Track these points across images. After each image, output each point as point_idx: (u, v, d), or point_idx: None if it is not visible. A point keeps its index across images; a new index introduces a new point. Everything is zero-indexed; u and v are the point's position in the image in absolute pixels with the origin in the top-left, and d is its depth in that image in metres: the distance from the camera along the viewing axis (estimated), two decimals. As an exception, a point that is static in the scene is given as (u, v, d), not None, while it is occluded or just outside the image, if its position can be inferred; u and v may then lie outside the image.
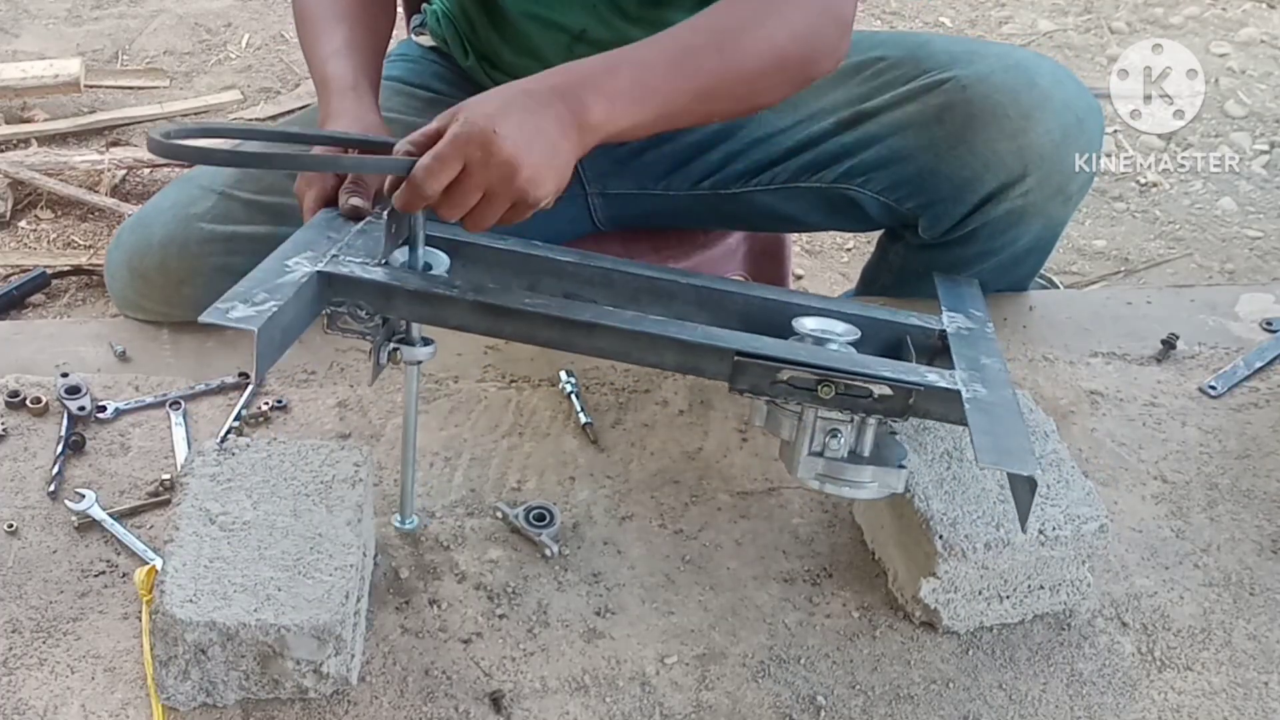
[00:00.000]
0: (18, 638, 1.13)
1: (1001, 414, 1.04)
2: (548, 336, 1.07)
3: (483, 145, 1.05)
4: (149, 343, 1.46)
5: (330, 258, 1.07)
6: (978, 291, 1.33)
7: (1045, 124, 1.38)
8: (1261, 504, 1.33)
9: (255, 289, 0.99)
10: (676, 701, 1.12)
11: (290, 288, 1.01)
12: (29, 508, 1.26)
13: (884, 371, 1.06)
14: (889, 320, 1.20)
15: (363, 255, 1.09)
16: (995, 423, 1.03)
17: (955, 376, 1.08)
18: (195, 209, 1.43)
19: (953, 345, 1.17)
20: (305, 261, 1.06)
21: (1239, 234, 2.45)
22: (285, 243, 1.09)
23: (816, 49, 1.26)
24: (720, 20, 1.22)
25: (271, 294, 0.99)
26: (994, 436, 1.00)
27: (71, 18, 3.00)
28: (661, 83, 1.17)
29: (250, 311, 0.96)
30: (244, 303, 0.97)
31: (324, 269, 1.05)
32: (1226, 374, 1.48)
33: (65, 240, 2.33)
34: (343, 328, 1.08)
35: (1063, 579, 1.18)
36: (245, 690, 1.08)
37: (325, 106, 1.26)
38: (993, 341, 1.19)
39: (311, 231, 1.12)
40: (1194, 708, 1.14)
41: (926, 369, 1.10)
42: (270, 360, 0.98)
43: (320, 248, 1.09)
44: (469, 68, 1.56)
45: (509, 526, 1.26)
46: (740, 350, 1.05)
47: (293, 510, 1.13)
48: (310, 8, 1.37)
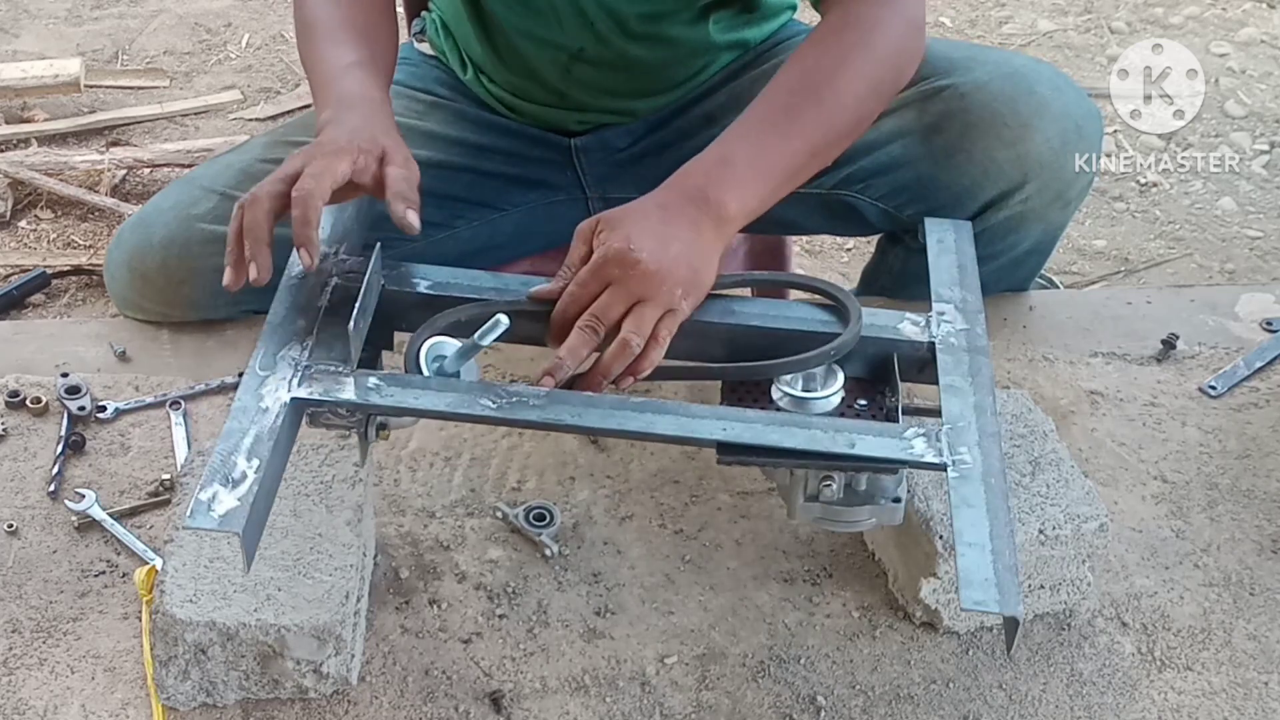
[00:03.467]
0: (18, 638, 1.14)
1: (991, 506, 1.01)
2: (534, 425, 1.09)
3: (622, 264, 1.10)
4: (149, 343, 1.46)
5: (303, 371, 1.06)
6: (969, 247, 1.28)
7: (1044, 131, 1.38)
8: (1261, 504, 1.33)
9: (232, 454, 0.99)
10: (676, 701, 1.12)
11: (267, 440, 1.01)
12: (29, 508, 1.26)
13: (867, 451, 1.05)
14: (876, 338, 1.16)
15: (335, 359, 1.07)
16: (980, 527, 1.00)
17: (942, 441, 1.05)
18: (196, 209, 1.43)
19: (940, 370, 1.13)
20: (279, 386, 1.05)
21: (1239, 234, 2.45)
22: (257, 350, 1.08)
23: (903, 64, 1.30)
24: (811, 70, 1.24)
25: (250, 455, 0.99)
26: (978, 566, 0.97)
27: (71, 18, 2.99)
28: (776, 155, 1.21)
29: (233, 502, 0.96)
30: (223, 484, 0.97)
31: (298, 395, 1.04)
32: (1226, 374, 1.48)
33: (65, 240, 2.33)
34: (325, 424, 1.08)
35: (1063, 578, 1.18)
36: (245, 690, 1.08)
37: (345, 119, 1.19)
38: (983, 349, 1.16)
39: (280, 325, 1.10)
40: (1194, 708, 1.14)
41: (915, 432, 1.06)
42: (259, 534, 1.00)
43: (291, 351, 1.08)
44: (468, 81, 1.56)
45: (509, 526, 1.26)
46: (721, 441, 1.05)
47: (293, 510, 1.13)
48: (321, 19, 1.32)
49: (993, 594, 0.95)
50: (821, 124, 1.23)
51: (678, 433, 1.05)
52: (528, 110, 1.53)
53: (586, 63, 1.45)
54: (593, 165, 1.55)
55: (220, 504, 0.96)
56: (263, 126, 2.64)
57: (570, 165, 1.55)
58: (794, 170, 1.22)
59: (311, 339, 1.09)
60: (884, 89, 1.28)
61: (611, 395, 1.08)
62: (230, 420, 1.02)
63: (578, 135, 1.54)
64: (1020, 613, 0.95)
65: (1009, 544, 0.99)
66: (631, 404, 1.07)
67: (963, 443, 1.05)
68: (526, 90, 1.51)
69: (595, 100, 1.50)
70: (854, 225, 1.54)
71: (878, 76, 1.26)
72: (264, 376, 1.06)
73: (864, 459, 1.04)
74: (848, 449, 1.04)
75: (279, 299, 1.13)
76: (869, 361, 1.16)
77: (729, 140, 1.21)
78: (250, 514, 0.96)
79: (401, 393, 1.06)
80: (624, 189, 1.57)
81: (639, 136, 1.54)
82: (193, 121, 2.67)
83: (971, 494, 1.02)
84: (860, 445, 1.04)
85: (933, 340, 1.15)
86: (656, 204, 1.17)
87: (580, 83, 1.48)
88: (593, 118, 1.52)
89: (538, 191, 1.56)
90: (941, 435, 1.06)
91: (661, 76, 1.50)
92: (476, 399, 1.06)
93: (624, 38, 1.43)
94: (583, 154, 1.54)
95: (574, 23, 1.42)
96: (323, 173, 1.09)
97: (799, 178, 1.23)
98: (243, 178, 1.45)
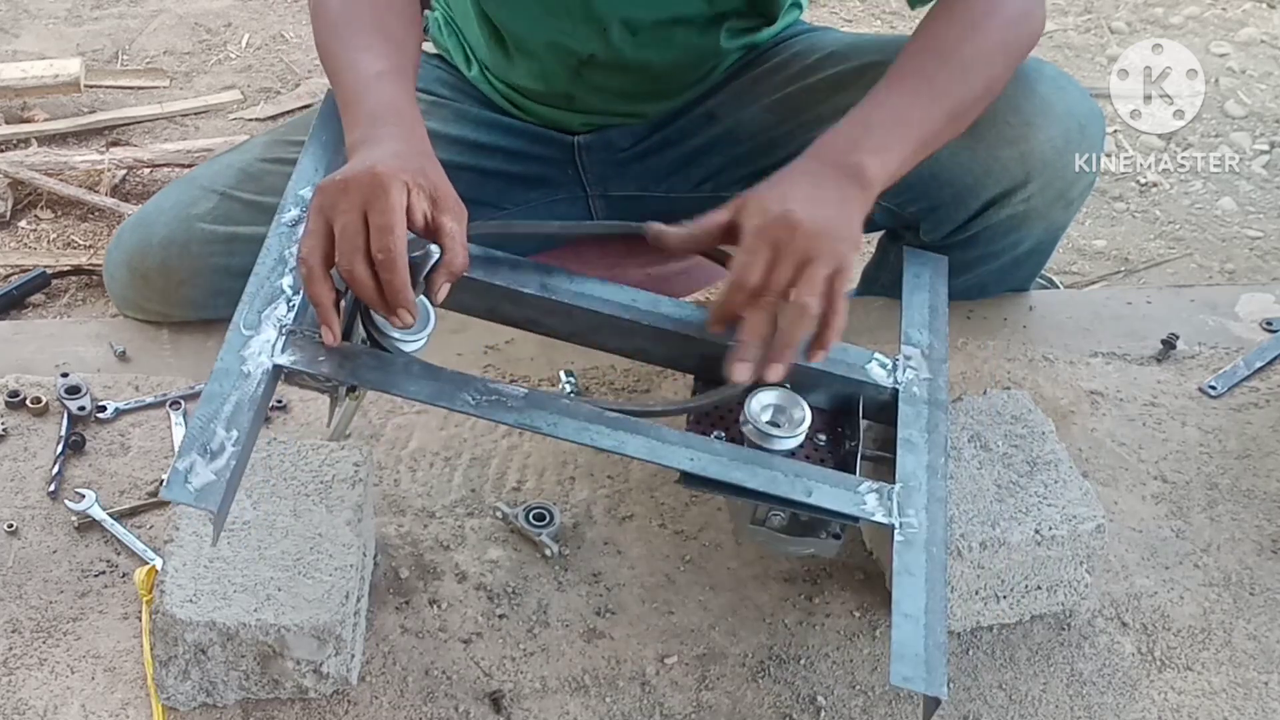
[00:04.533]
0: (18, 638, 1.14)
1: (930, 577, 1.04)
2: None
3: (785, 226, 1.09)
4: (149, 343, 1.46)
5: (287, 336, 1.06)
6: (943, 286, 1.29)
7: (1047, 130, 1.38)
8: (1261, 504, 1.33)
9: (212, 420, 0.99)
10: (676, 701, 1.12)
11: (247, 409, 1.00)
12: (29, 508, 1.26)
13: (822, 501, 1.07)
14: (844, 377, 1.17)
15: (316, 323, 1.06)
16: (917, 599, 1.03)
17: (893, 501, 1.08)
18: (196, 209, 1.43)
19: (900, 421, 1.15)
20: (261, 349, 1.04)
21: (1239, 234, 2.45)
22: (241, 305, 1.07)
23: (1031, 25, 1.32)
24: (943, 36, 1.26)
25: (229, 425, 0.99)
26: (911, 640, 1.00)
27: (71, 18, 2.99)
28: (916, 120, 1.21)
29: (210, 475, 0.96)
30: (201, 454, 0.97)
31: (280, 361, 1.04)
32: (1226, 374, 1.48)
33: (65, 240, 2.33)
34: (299, 384, 1.08)
35: (1060, 580, 1.18)
36: (245, 690, 1.08)
37: (383, 138, 1.12)
38: (942, 404, 1.17)
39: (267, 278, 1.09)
40: (1194, 708, 1.14)
41: (868, 488, 1.09)
42: (230, 503, 1.00)
43: (276, 309, 1.07)
44: (473, 78, 1.56)
45: (509, 526, 1.26)
46: (685, 472, 1.07)
47: (293, 510, 1.13)
48: (345, 18, 1.27)
49: (920, 671, 0.99)
50: (957, 90, 1.24)
51: (647, 456, 1.07)
52: (533, 109, 1.53)
53: (596, 67, 1.45)
54: (594, 164, 1.55)
55: (197, 476, 0.96)
56: (263, 126, 2.64)
57: (572, 163, 1.55)
58: (932, 134, 1.23)
59: (298, 298, 1.08)
60: (1013, 51, 1.30)
61: (588, 408, 1.08)
62: (211, 382, 1.02)
63: (581, 134, 1.54)
64: (944, 694, 0.98)
65: (942, 619, 1.02)
66: (606, 419, 1.07)
67: (911, 505, 1.09)
68: (533, 91, 1.51)
69: (603, 103, 1.50)
70: None
71: (1007, 39, 1.28)
72: (248, 336, 1.05)
73: (818, 509, 1.08)
74: (804, 497, 1.07)
75: (267, 248, 1.12)
76: (834, 397, 1.18)
77: (867, 107, 1.21)
78: (226, 491, 0.96)
79: (384, 375, 1.06)
80: (624, 187, 1.58)
81: (642, 136, 1.54)
82: (193, 121, 2.67)
83: (913, 562, 1.05)
84: (816, 494, 1.08)
85: (896, 387, 1.18)
86: (802, 171, 1.16)
87: (589, 86, 1.48)
88: (599, 119, 1.53)
89: (539, 190, 1.56)
90: (893, 495, 1.09)
91: (671, 82, 1.50)
92: (458, 392, 1.06)
93: (636, 44, 1.43)
94: (585, 152, 1.54)
95: (587, 29, 1.41)
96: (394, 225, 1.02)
97: (937, 142, 1.24)
98: (243, 178, 1.45)
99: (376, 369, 1.06)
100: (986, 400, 1.28)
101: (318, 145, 1.22)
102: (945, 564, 1.06)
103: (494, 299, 1.18)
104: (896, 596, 1.03)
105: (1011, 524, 1.15)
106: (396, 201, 1.02)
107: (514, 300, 1.18)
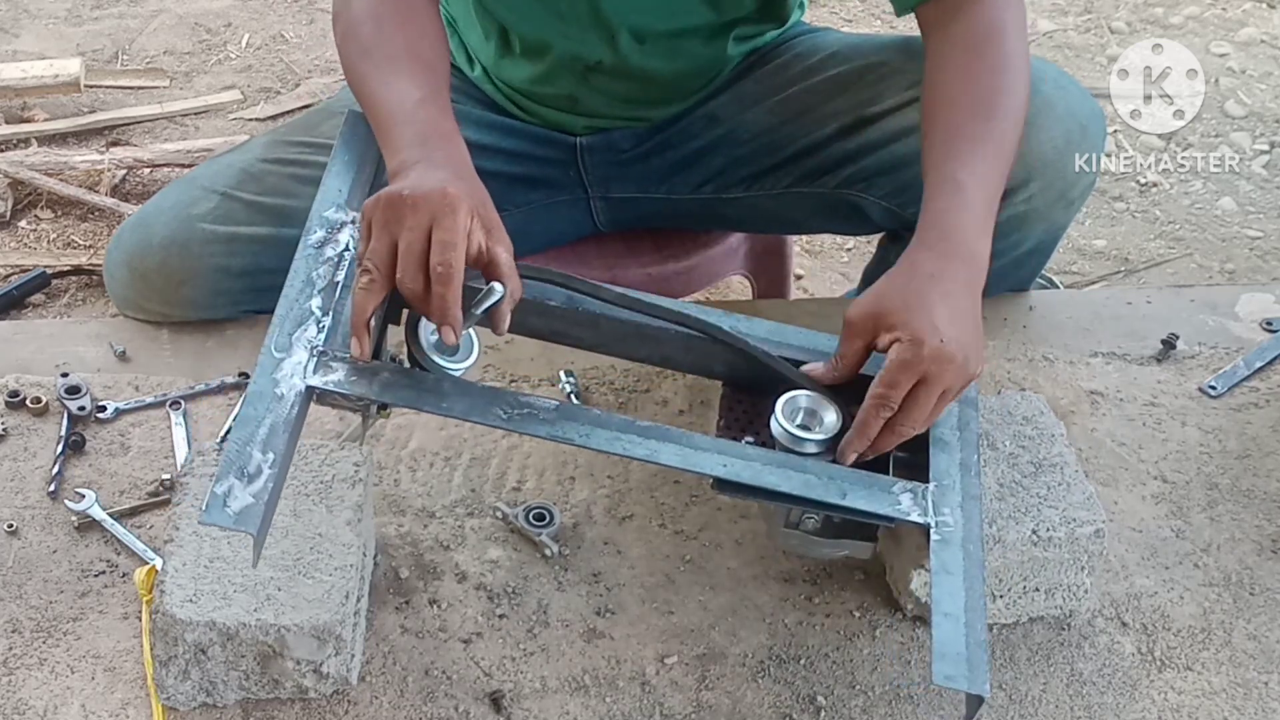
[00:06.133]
0: (18, 638, 1.14)
1: (968, 575, 1.04)
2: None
3: (936, 360, 1.08)
4: (149, 343, 1.46)
5: (318, 357, 1.06)
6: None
7: (1048, 130, 1.38)
8: (1261, 504, 1.33)
9: (248, 444, 0.99)
10: (676, 701, 1.12)
11: (282, 431, 1.01)
12: (29, 508, 1.26)
13: (856, 503, 1.07)
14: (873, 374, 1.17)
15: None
16: (957, 598, 1.02)
17: (928, 500, 1.08)
18: (196, 209, 1.43)
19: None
20: (294, 371, 1.05)
21: (1239, 234, 2.45)
22: (272, 328, 1.07)
23: (1028, 62, 1.31)
24: (976, 94, 1.25)
25: (265, 448, 0.99)
26: (952, 639, 1.00)
27: (71, 18, 3.00)
28: (994, 186, 1.21)
29: (248, 499, 0.96)
30: (239, 477, 0.97)
31: (313, 383, 1.05)
32: (1226, 374, 1.48)
33: (65, 240, 2.33)
34: (331, 404, 1.09)
35: (1058, 583, 1.18)
36: (245, 690, 1.08)
37: (435, 161, 1.12)
38: (973, 400, 1.17)
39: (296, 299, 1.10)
40: (1194, 708, 1.14)
41: (902, 488, 1.09)
42: (268, 527, 1.00)
43: (306, 331, 1.07)
44: (475, 78, 1.56)
45: (509, 526, 1.26)
46: (718, 478, 1.07)
47: (292, 510, 1.13)
48: (378, 45, 1.25)
49: (963, 669, 0.98)
50: (1009, 141, 1.24)
51: (680, 464, 1.08)
52: (536, 111, 1.53)
53: (603, 74, 1.45)
54: (596, 165, 1.55)
55: (235, 500, 0.96)
56: (263, 126, 2.64)
57: (574, 165, 1.55)
58: (999, 191, 1.23)
59: (328, 319, 1.09)
60: (1027, 91, 1.29)
61: (620, 418, 1.09)
62: (245, 406, 1.02)
63: (583, 135, 1.54)
64: (987, 691, 0.98)
65: (981, 616, 1.02)
66: (638, 428, 1.08)
67: (946, 503, 1.09)
68: (537, 93, 1.51)
69: (607, 107, 1.51)
70: (857, 224, 1.54)
71: (1025, 81, 1.28)
72: (280, 359, 1.06)
73: (853, 511, 1.08)
74: (839, 499, 1.08)
75: (295, 271, 1.12)
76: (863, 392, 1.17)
77: (953, 184, 1.20)
78: (265, 513, 0.97)
79: (416, 393, 1.07)
80: (625, 188, 1.58)
81: (644, 137, 1.54)
82: (193, 121, 2.67)
83: (951, 560, 1.05)
84: (851, 496, 1.08)
85: None
86: (927, 275, 1.14)
87: (594, 91, 1.48)
88: (602, 122, 1.53)
89: (540, 191, 1.56)
90: (927, 494, 1.09)
91: (676, 88, 1.50)
92: (490, 407, 1.07)
93: (643, 53, 1.43)
94: (587, 153, 1.55)
95: (595, 36, 1.42)
96: (458, 242, 1.04)
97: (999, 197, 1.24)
98: (243, 178, 1.45)
99: (408, 387, 1.07)
100: (1000, 400, 1.28)
101: (341, 166, 1.22)
102: (982, 561, 1.06)
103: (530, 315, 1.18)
104: (936, 595, 1.02)
105: (1009, 523, 1.15)
106: (463, 223, 1.05)
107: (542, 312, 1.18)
